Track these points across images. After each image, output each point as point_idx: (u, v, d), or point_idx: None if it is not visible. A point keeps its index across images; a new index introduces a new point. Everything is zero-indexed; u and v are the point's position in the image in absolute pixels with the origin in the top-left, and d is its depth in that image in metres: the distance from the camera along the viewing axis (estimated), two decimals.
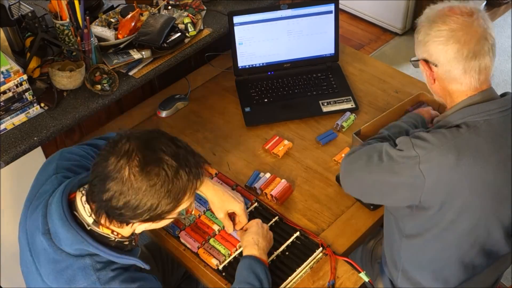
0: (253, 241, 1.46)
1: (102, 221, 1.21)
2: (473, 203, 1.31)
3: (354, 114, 1.93)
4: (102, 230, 1.23)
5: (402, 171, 1.32)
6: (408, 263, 1.50)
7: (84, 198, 1.22)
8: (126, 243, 1.27)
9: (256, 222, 1.52)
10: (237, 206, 1.52)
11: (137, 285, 1.23)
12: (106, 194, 1.14)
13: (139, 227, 1.23)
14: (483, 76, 1.31)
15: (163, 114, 1.98)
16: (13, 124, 1.72)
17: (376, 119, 1.83)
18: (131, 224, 1.21)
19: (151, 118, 1.99)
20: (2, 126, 1.70)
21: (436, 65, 1.33)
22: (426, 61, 1.36)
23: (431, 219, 1.36)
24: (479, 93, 1.33)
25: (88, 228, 1.22)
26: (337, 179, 1.71)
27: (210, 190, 1.52)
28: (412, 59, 1.45)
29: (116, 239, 1.25)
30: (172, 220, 1.27)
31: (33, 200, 1.31)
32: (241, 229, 1.54)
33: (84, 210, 1.22)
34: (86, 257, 1.20)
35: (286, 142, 1.84)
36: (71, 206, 1.23)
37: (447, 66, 1.31)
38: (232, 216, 1.56)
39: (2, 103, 1.66)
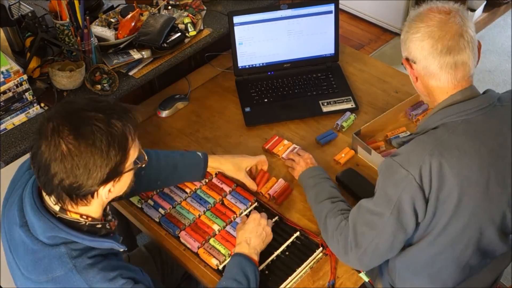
0: (245, 239, 1.47)
1: (69, 207, 1.21)
2: (463, 203, 1.31)
3: (354, 114, 1.93)
4: (71, 216, 1.22)
5: (404, 196, 1.30)
6: (404, 270, 1.49)
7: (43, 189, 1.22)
8: (99, 226, 1.26)
9: (254, 218, 1.52)
10: (249, 161, 1.67)
11: (116, 273, 1.21)
12: (55, 178, 1.13)
13: (104, 192, 1.20)
14: (460, 73, 1.32)
15: (163, 114, 1.98)
16: (13, 124, 1.72)
17: (376, 119, 1.83)
18: (95, 194, 1.19)
19: (151, 118, 1.99)
20: (2, 126, 1.70)
21: (415, 62, 1.36)
22: (407, 59, 1.39)
23: (426, 228, 1.36)
24: (459, 92, 1.34)
25: (57, 216, 1.21)
26: (337, 179, 1.71)
27: (222, 162, 1.66)
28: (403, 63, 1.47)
29: (87, 223, 1.23)
30: (132, 174, 1.25)
31: (9, 198, 1.32)
32: (242, 221, 1.56)
33: (50, 199, 1.22)
34: (61, 245, 1.19)
35: (286, 142, 1.84)
36: (41, 196, 1.24)
37: (424, 62, 1.34)
38: (252, 175, 1.70)
39: (2, 103, 1.66)
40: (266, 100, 2.01)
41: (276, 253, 1.52)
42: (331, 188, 1.58)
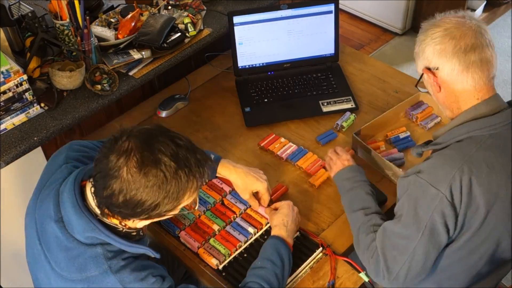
0: (283, 222, 1.49)
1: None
2: (488, 220, 1.29)
3: (354, 114, 1.93)
4: (111, 221, 1.24)
5: (436, 215, 1.27)
6: None
7: (93, 189, 1.23)
8: (134, 233, 1.29)
9: (288, 204, 1.54)
10: (260, 185, 1.57)
11: (147, 272, 1.24)
12: (107, 191, 1.15)
13: (141, 223, 1.25)
14: (486, 72, 1.29)
15: (163, 114, 1.98)
16: (13, 124, 1.72)
17: (376, 119, 1.83)
18: (132, 220, 1.22)
19: (151, 118, 1.99)
20: (2, 126, 1.70)
21: (437, 68, 1.32)
22: (428, 69, 1.35)
23: (450, 242, 1.34)
24: (484, 103, 1.30)
25: (97, 218, 1.23)
26: None
27: (232, 173, 1.57)
28: (416, 84, 1.44)
29: (124, 230, 1.26)
30: (174, 215, 1.28)
31: (42, 189, 1.32)
32: (270, 207, 1.58)
33: (94, 200, 1.23)
34: (97, 246, 1.21)
35: (282, 139, 1.85)
36: (82, 194, 1.25)
37: (448, 65, 1.29)
38: (256, 194, 1.61)
39: (2, 103, 1.66)
40: (266, 100, 2.01)
41: None
42: (366, 195, 1.50)
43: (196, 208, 1.32)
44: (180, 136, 1.21)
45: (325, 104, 1.98)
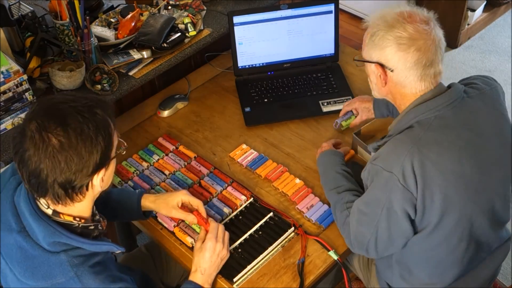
0: (200, 269, 1.44)
1: (63, 209, 1.21)
2: (451, 198, 1.33)
3: (354, 114, 1.93)
4: (64, 219, 1.22)
5: (393, 197, 1.32)
6: (401, 265, 1.50)
7: (35, 189, 1.19)
8: (92, 227, 1.27)
9: (209, 247, 1.45)
10: (179, 195, 1.53)
11: (117, 286, 1.22)
12: (49, 177, 1.13)
13: (98, 181, 1.20)
14: (435, 81, 1.36)
15: (163, 114, 1.98)
16: (13, 124, 1.72)
17: (376, 119, 1.83)
18: (90, 184, 1.19)
19: (151, 118, 1.99)
20: (2, 126, 1.70)
21: (392, 70, 1.35)
22: (381, 65, 1.37)
23: (419, 224, 1.38)
24: (429, 92, 1.36)
25: (52, 219, 1.21)
26: None
27: (151, 202, 1.55)
28: (357, 58, 1.47)
29: (80, 225, 1.24)
30: (115, 162, 1.26)
31: None
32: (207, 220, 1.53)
33: (42, 204, 1.22)
34: (61, 253, 1.19)
35: (244, 146, 1.84)
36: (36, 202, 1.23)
37: (404, 73, 1.34)
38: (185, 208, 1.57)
39: (2, 103, 1.66)
40: (266, 100, 2.01)
41: (249, 233, 1.57)
42: (336, 174, 1.58)
43: (125, 144, 1.30)
44: (66, 92, 1.20)
45: (325, 104, 1.98)
